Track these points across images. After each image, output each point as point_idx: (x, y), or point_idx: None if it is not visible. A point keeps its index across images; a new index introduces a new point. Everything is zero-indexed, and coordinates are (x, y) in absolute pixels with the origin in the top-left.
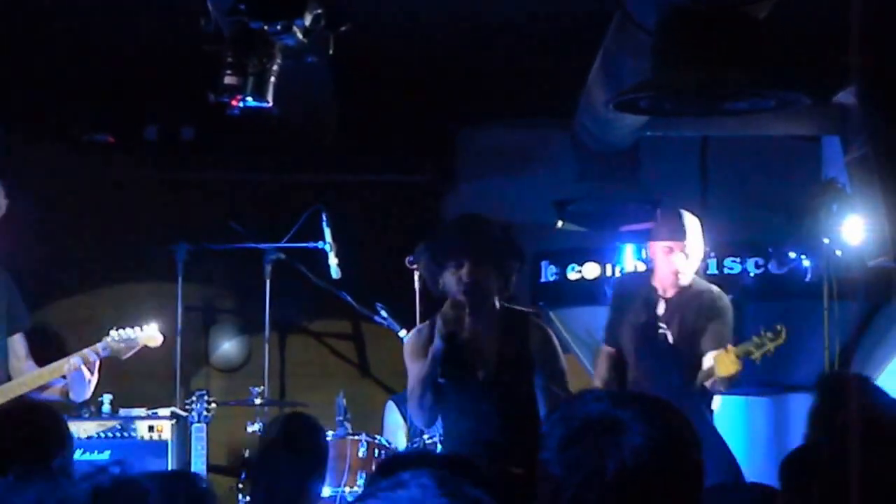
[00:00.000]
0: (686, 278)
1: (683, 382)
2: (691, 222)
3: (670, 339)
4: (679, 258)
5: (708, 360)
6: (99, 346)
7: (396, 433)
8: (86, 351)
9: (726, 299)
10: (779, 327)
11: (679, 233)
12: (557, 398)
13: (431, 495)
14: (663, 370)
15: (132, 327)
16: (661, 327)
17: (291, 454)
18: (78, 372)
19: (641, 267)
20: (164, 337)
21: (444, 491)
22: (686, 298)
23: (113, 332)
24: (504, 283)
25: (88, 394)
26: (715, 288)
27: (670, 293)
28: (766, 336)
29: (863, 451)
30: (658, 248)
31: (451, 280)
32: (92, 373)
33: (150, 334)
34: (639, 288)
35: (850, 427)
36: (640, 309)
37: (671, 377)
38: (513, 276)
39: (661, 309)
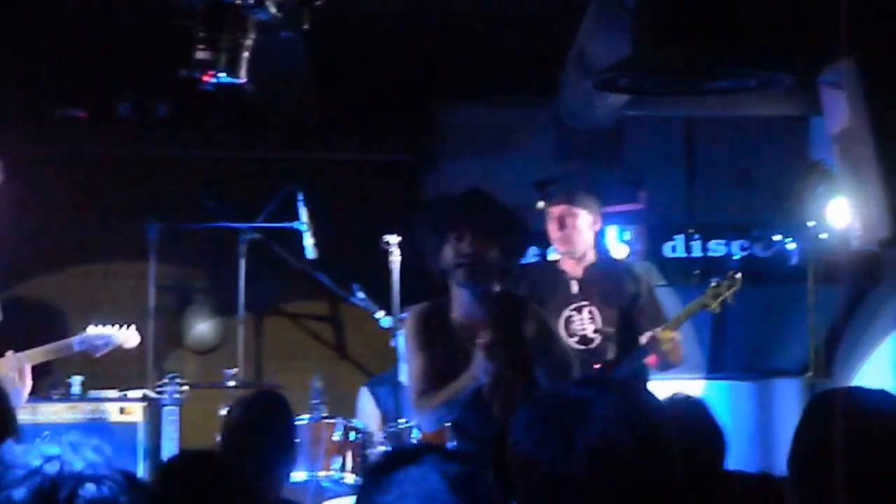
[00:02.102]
0: (576, 245)
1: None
2: (586, 196)
3: (598, 320)
4: (569, 224)
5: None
6: (75, 340)
7: (370, 419)
8: (55, 345)
9: (639, 267)
10: (731, 272)
11: (571, 198)
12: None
13: (439, 493)
14: (593, 355)
15: (111, 325)
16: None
17: (255, 436)
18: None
19: (624, 249)
20: (134, 316)
21: (452, 488)
22: (597, 273)
23: (90, 329)
24: (506, 263)
25: (21, 402)
26: (622, 259)
27: (580, 272)
28: (721, 285)
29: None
30: (549, 214)
31: (450, 253)
32: (22, 380)
33: (126, 336)
34: (546, 274)
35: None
36: (553, 293)
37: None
38: (516, 259)
39: (573, 288)
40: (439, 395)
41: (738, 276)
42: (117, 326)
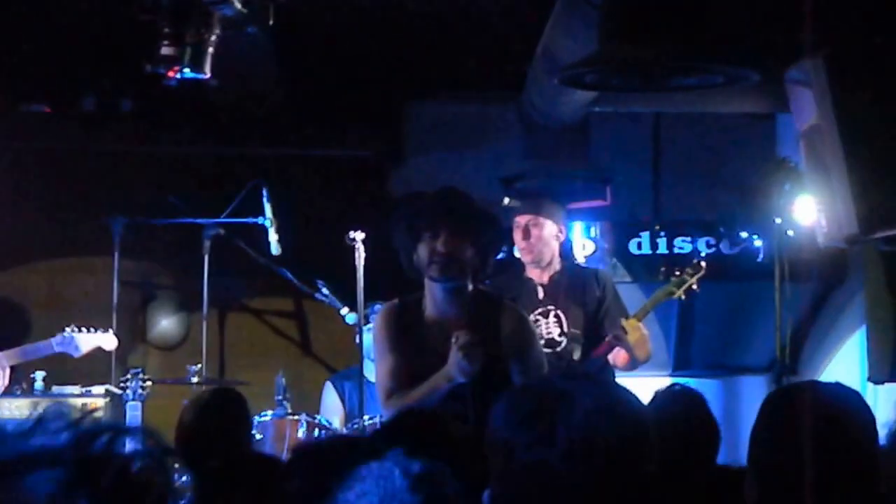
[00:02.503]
0: (540, 255)
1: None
2: (551, 205)
3: (564, 323)
4: (534, 234)
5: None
6: (53, 341)
7: (334, 414)
8: (34, 346)
9: (604, 272)
10: (696, 261)
11: (536, 208)
12: None
13: (398, 489)
14: (559, 358)
15: (89, 329)
16: (548, 311)
17: (210, 437)
18: None
19: (590, 246)
20: (99, 311)
21: (411, 484)
22: (563, 279)
23: (68, 330)
24: (480, 263)
25: None
26: (588, 266)
27: (546, 278)
28: (685, 272)
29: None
30: (514, 223)
31: (424, 252)
32: (2, 380)
33: (104, 339)
34: (513, 281)
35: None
36: (519, 300)
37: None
38: (490, 257)
39: (539, 293)
40: (411, 395)
41: (703, 263)
42: (94, 330)
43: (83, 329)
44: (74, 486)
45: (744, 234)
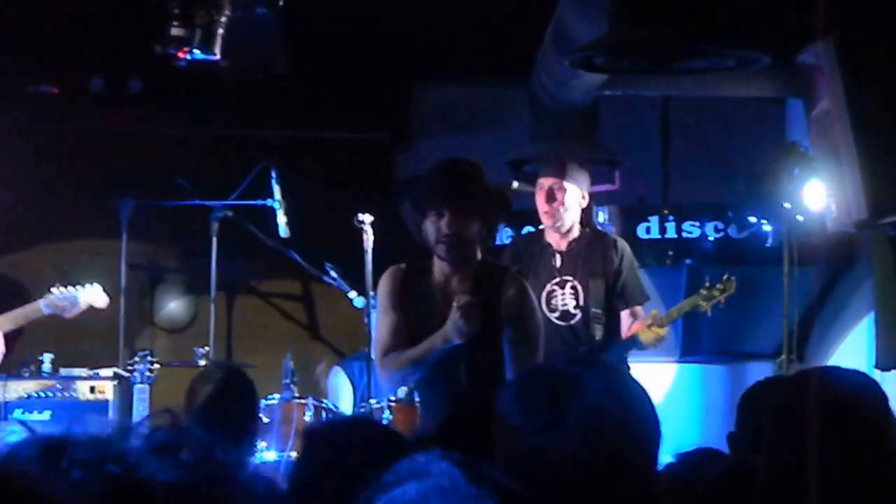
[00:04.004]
0: (563, 221)
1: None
2: (576, 170)
3: (581, 295)
4: (558, 198)
5: (626, 320)
6: (41, 302)
7: (341, 397)
8: (22, 309)
9: (624, 244)
10: (726, 276)
11: (559, 173)
12: (524, 360)
13: (460, 485)
14: (573, 331)
15: (74, 285)
16: (565, 281)
17: (217, 413)
18: None
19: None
20: (110, 298)
21: (471, 479)
22: (582, 247)
23: (55, 290)
24: (487, 233)
25: None
26: (609, 234)
27: (564, 245)
28: (715, 288)
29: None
30: (537, 187)
31: (430, 230)
32: None
33: (93, 294)
34: (530, 246)
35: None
36: (536, 267)
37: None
38: (496, 226)
39: (557, 261)
40: (407, 353)
41: (734, 279)
42: (81, 286)
43: (68, 286)
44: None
45: (752, 219)
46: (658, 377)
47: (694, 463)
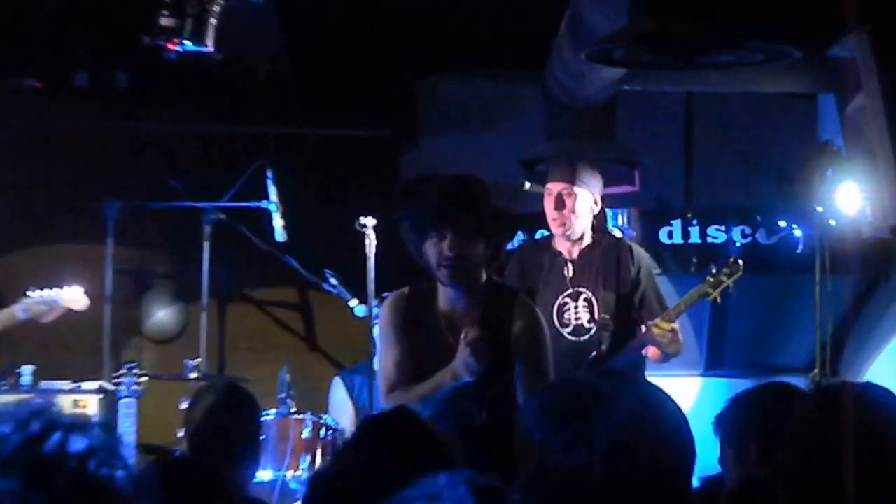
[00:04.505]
0: (573, 228)
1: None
2: (588, 173)
3: (595, 308)
4: (567, 204)
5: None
6: (17, 307)
7: (342, 412)
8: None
9: (642, 251)
10: (732, 259)
11: (569, 176)
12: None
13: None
14: (587, 347)
15: (52, 288)
16: (577, 293)
17: (222, 433)
18: None
19: (617, 235)
20: (90, 300)
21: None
22: (595, 255)
23: (31, 293)
24: (494, 254)
25: None
26: (624, 239)
27: (576, 254)
28: (721, 273)
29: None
30: (546, 190)
31: (431, 252)
32: None
33: (72, 296)
34: (539, 254)
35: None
36: (546, 278)
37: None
38: (503, 247)
39: (568, 271)
40: (414, 390)
41: (740, 262)
42: (59, 288)
43: (44, 288)
44: (28, 493)
45: (782, 224)
46: (681, 392)
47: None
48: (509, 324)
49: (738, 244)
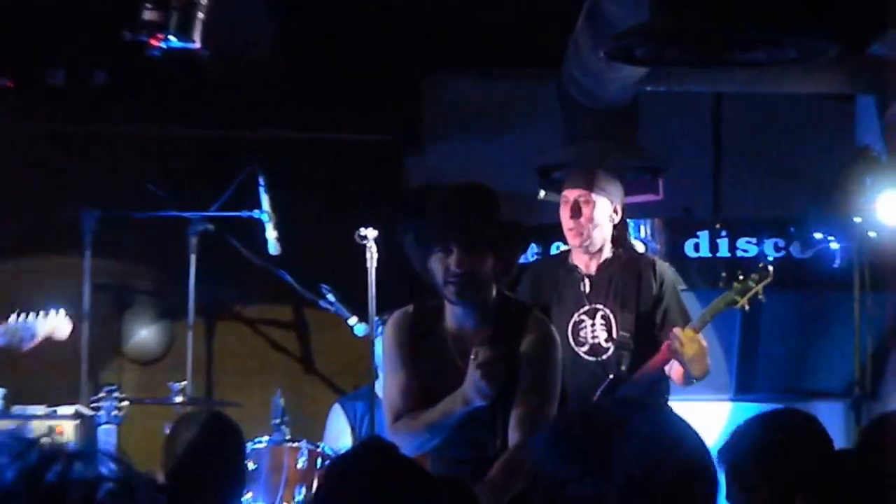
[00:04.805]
0: (590, 239)
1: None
2: (607, 180)
3: (613, 326)
4: (585, 213)
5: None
6: None
7: (341, 440)
8: None
9: (665, 266)
10: (761, 264)
11: (586, 183)
12: (531, 412)
13: None
14: (604, 368)
15: (34, 313)
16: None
17: (203, 467)
18: None
19: (639, 247)
20: (73, 325)
21: None
22: (615, 270)
23: (11, 320)
24: (504, 269)
25: None
26: (647, 254)
27: (594, 268)
28: (750, 278)
29: None
30: (562, 198)
31: (437, 269)
32: None
33: (55, 323)
34: (554, 269)
35: None
36: (561, 294)
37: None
38: (514, 261)
39: (585, 287)
40: (422, 418)
41: (770, 268)
42: (42, 314)
43: (26, 313)
44: None
45: (818, 236)
46: (709, 418)
47: None
48: (522, 342)
49: (770, 258)
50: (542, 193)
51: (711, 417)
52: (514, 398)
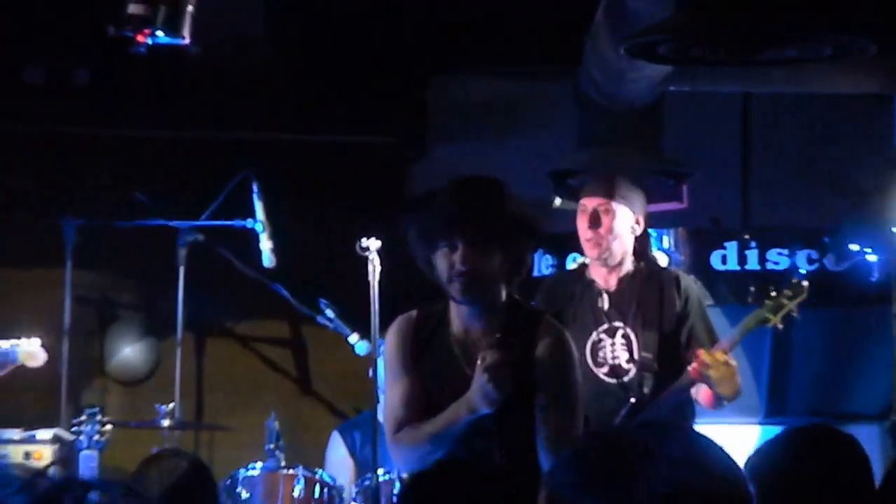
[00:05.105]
0: (610, 251)
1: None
2: (628, 188)
3: (634, 346)
4: (605, 223)
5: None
6: None
7: (342, 471)
8: None
9: (690, 281)
10: (795, 280)
11: (606, 191)
12: (558, 430)
13: None
14: (626, 390)
15: (6, 339)
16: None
17: None
18: None
19: (662, 259)
20: (51, 342)
21: None
22: (636, 285)
23: None
24: (514, 268)
25: None
26: (670, 268)
27: (613, 283)
28: (783, 294)
29: None
30: (579, 210)
31: (442, 265)
32: None
33: (28, 350)
34: (571, 285)
35: None
36: (578, 311)
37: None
38: (525, 259)
39: (604, 303)
40: (425, 428)
41: (805, 283)
42: (14, 341)
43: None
44: None
45: (854, 247)
46: (738, 442)
47: None
48: (533, 345)
49: (802, 271)
50: (557, 201)
51: (740, 442)
52: (522, 407)
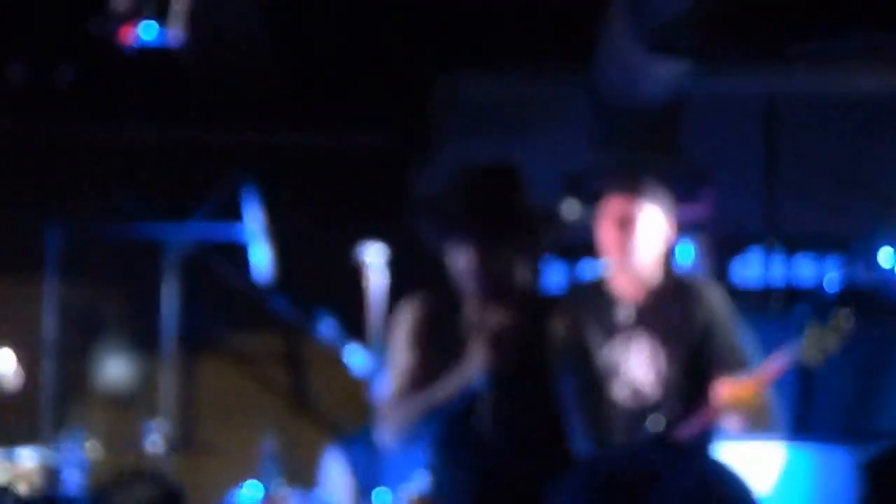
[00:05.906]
0: (639, 255)
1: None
2: (658, 188)
3: (660, 362)
4: (634, 224)
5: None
6: None
7: (339, 490)
8: None
9: (715, 292)
10: (838, 311)
11: (634, 190)
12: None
13: None
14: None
15: None
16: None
17: None
18: None
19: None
20: (25, 350)
21: None
22: (661, 297)
23: None
24: (531, 262)
25: None
26: (695, 279)
27: (640, 296)
28: (829, 328)
29: None
30: (605, 209)
31: (454, 257)
32: None
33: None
34: (590, 297)
35: None
36: (597, 324)
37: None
38: (542, 252)
39: (625, 317)
40: (411, 403)
41: (850, 313)
42: None
43: None
44: None
45: (885, 254)
46: (762, 462)
47: None
48: (546, 326)
49: (829, 279)
50: (568, 213)
51: (763, 461)
52: (526, 388)
